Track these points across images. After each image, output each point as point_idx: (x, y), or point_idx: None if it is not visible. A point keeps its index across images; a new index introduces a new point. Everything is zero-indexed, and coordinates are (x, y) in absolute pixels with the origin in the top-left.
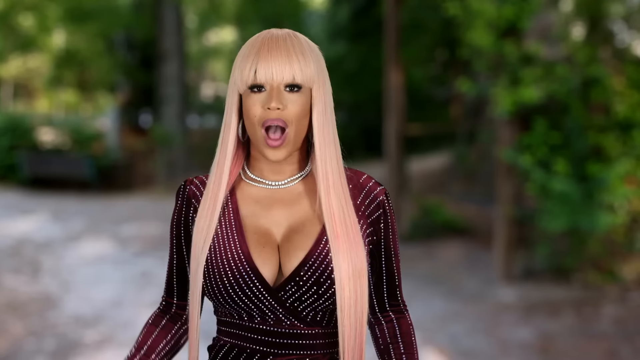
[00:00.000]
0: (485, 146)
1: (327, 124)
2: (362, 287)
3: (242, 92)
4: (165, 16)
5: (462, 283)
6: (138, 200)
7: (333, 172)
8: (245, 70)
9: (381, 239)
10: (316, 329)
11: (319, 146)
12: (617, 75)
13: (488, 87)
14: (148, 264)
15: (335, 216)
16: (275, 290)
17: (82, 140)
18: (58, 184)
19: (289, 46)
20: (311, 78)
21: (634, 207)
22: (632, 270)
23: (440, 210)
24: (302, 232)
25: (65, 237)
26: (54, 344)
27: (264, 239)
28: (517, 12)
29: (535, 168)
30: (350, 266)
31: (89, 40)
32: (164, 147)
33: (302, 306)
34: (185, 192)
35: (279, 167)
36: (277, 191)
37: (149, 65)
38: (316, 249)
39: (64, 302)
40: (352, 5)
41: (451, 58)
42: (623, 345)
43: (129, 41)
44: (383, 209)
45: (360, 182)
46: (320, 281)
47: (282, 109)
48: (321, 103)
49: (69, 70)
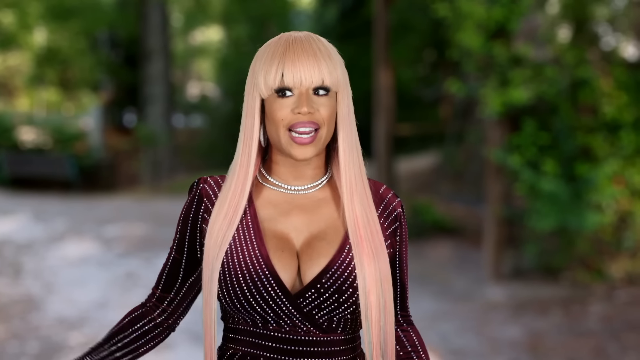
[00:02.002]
0: (473, 146)
1: (350, 128)
2: (389, 292)
3: (266, 96)
4: (150, 14)
5: (451, 282)
6: (122, 201)
7: (356, 178)
8: (270, 74)
9: (396, 251)
10: (332, 336)
11: (344, 151)
12: (604, 77)
13: (477, 87)
14: (133, 265)
15: (359, 222)
16: (294, 297)
17: (64, 139)
18: (39, 184)
19: (315, 49)
20: (338, 81)
21: (622, 207)
22: (620, 268)
23: (430, 210)
24: (324, 239)
25: (47, 238)
26: (38, 346)
27: (282, 244)
28: (507, 14)
29: (524, 168)
30: (377, 271)
31: (71, 38)
32: (149, 147)
33: (320, 313)
34: (199, 190)
35: (302, 171)
36: (296, 196)
37: (133, 63)
38: (339, 257)
39: (47, 304)
40: (340, 6)
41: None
42: (610, 342)
43: (112, 39)
44: (399, 222)
45: (380, 193)
46: (342, 289)
47: (313, 113)
48: (345, 107)
49: (51, 69)
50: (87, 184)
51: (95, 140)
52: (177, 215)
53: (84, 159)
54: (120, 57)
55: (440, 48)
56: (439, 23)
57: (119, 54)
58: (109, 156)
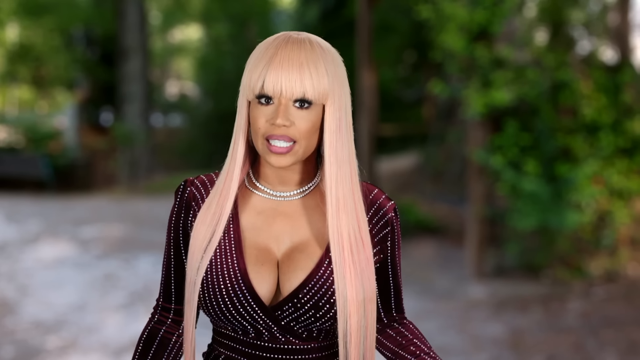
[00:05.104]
0: (453, 146)
1: (341, 142)
2: (373, 312)
3: (250, 99)
4: (127, 12)
5: (434, 281)
6: (99, 201)
7: (345, 194)
8: (253, 78)
9: (388, 256)
10: (312, 344)
11: (329, 165)
12: (584, 80)
13: (460, 89)
14: (112, 267)
15: (344, 241)
16: (271, 310)
17: (37, 138)
18: (11, 184)
19: (302, 58)
20: (324, 94)
21: (601, 206)
22: (599, 266)
23: (413, 210)
24: (304, 252)
25: (21, 239)
26: (13, 351)
27: (262, 256)
28: (489, 16)
29: (506, 168)
30: (361, 293)
31: (45, 34)
32: (126, 146)
33: (298, 325)
34: (185, 194)
35: (286, 175)
36: (281, 203)
37: (110, 61)
38: (317, 272)
39: (22, 307)
40: (321, 6)
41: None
42: (588, 338)
43: (88, 36)
44: (391, 226)
45: (371, 197)
46: (319, 305)
47: (288, 126)
48: (334, 120)
49: (24, 66)
50: (62, 184)
51: (70, 140)
52: (156, 216)
53: (58, 159)
54: (97, 54)
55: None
56: (420, 25)
57: (95, 52)
58: (85, 156)
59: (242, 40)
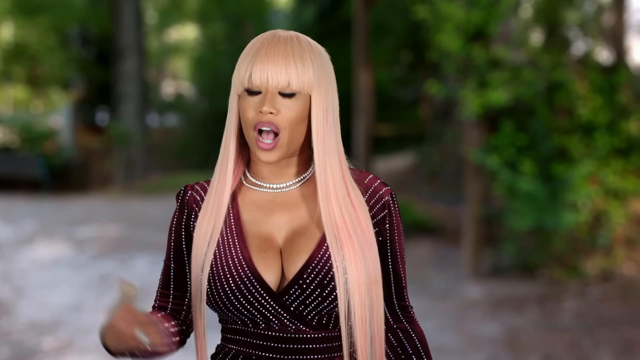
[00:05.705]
0: (449, 147)
1: (328, 132)
2: (378, 294)
3: (240, 93)
4: (123, 11)
5: (431, 281)
6: (94, 201)
7: (335, 181)
8: (241, 72)
9: (387, 239)
10: (322, 332)
11: (318, 155)
12: (580, 80)
13: (456, 89)
14: (108, 267)
15: (339, 225)
16: (278, 295)
17: (32, 138)
18: (6, 184)
19: (288, 50)
20: (309, 84)
21: (596, 206)
22: (594, 265)
23: (409, 210)
24: (304, 235)
25: (16, 239)
26: (8, 351)
27: (265, 244)
28: (485, 17)
29: (503, 168)
30: (363, 274)
31: (40, 33)
32: (122, 146)
33: (307, 310)
34: (186, 198)
35: (279, 170)
36: (278, 195)
37: (106, 61)
38: (318, 252)
39: (17, 308)
40: (318, 6)
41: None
42: (584, 337)
43: (84, 36)
44: (388, 210)
45: (366, 182)
46: (323, 283)
47: (275, 114)
48: (321, 110)
49: (19, 65)
50: (57, 184)
51: (65, 139)
52: (151, 216)
53: (53, 159)
54: (92, 54)
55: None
56: (416, 25)
57: (91, 51)
58: (81, 156)
59: (238, 40)
